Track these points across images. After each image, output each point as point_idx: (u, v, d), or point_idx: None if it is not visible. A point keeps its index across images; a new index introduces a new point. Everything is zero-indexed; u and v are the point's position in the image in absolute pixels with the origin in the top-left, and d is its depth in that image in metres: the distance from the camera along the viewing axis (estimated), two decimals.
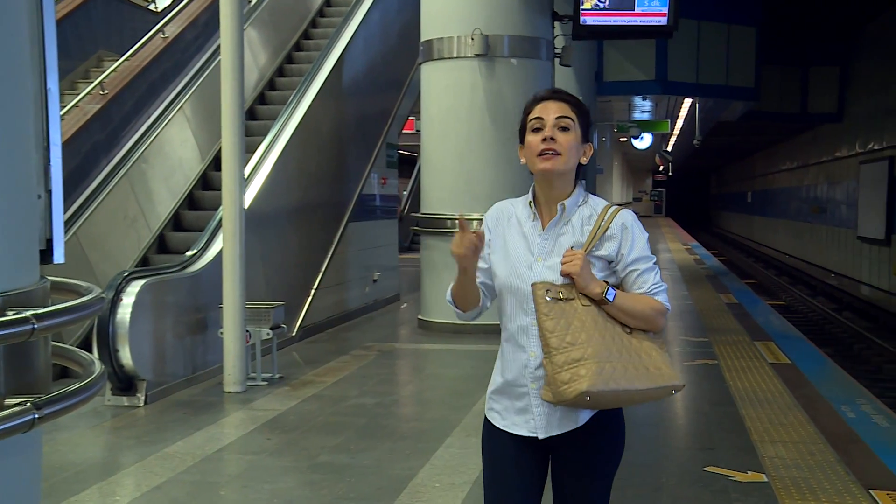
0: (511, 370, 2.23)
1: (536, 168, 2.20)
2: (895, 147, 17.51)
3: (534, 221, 2.24)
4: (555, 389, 2.09)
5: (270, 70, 10.91)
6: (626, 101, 20.37)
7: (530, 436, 2.21)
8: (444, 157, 9.22)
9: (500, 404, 2.26)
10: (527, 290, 2.17)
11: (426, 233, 9.46)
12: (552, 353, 2.10)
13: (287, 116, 8.93)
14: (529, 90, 9.09)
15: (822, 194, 24.92)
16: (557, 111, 2.19)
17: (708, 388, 6.55)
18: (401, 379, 7.38)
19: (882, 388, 11.05)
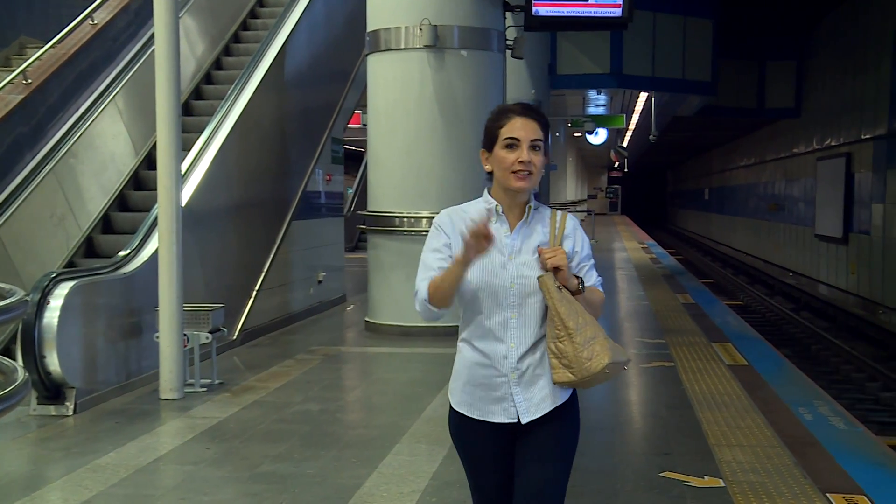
0: (491, 363, 2.46)
1: (512, 185, 2.45)
2: (852, 143, 17.94)
3: (497, 224, 2.49)
4: (579, 367, 2.40)
5: (208, 61, 10.79)
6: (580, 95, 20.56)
7: (507, 422, 2.45)
8: (392, 153, 9.21)
9: (473, 396, 2.49)
10: (505, 287, 2.44)
11: (373, 231, 9.45)
12: (573, 335, 2.40)
13: (226, 110, 8.84)
14: (480, 83, 9.15)
15: (779, 191, 25.42)
16: (532, 133, 2.43)
17: (664, 391, 6.64)
18: (347, 384, 7.35)
19: (839, 390, 11.33)
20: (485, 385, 2.47)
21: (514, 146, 2.43)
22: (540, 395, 2.45)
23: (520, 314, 2.45)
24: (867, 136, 16.92)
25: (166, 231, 6.35)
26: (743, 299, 21.21)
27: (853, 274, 17.53)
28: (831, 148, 19.55)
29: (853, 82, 18.04)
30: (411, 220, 9.08)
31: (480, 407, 2.48)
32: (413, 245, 9.09)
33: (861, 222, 17.18)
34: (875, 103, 16.53)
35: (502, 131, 2.46)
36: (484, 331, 2.47)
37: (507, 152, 2.44)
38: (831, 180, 19.09)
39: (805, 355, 14.05)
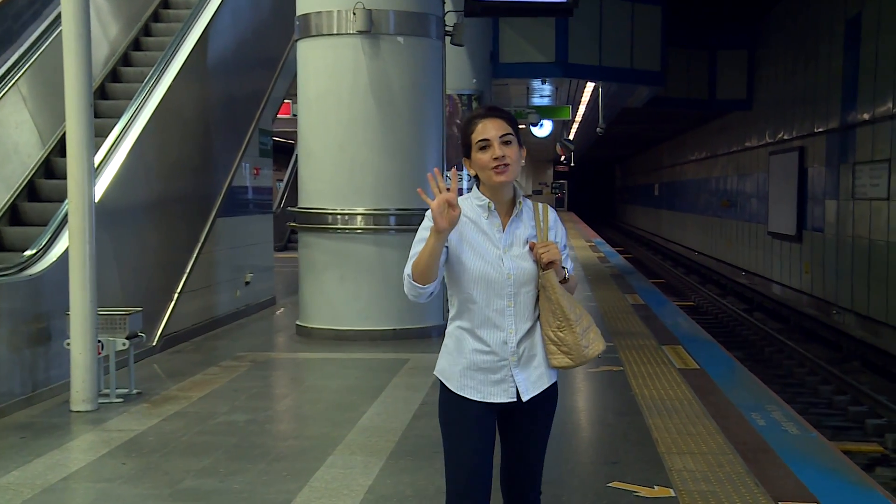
0: (492, 349, 2.87)
1: (494, 181, 2.86)
2: (805, 137, 18.37)
3: (489, 219, 2.89)
4: (578, 353, 2.88)
5: (123, 44, 10.60)
6: (524, 85, 20.66)
7: (507, 402, 2.88)
8: (324, 146, 9.17)
9: (475, 379, 2.89)
10: (503, 278, 2.85)
11: (305, 229, 9.40)
12: (573, 325, 2.86)
13: (144, 98, 8.71)
14: (418, 71, 9.15)
15: (731, 187, 25.91)
16: (499, 129, 2.85)
17: (612, 397, 6.72)
18: (277, 392, 7.31)
19: (793, 394, 11.60)
20: (485, 369, 2.88)
21: (486, 147, 2.85)
22: (535, 375, 2.90)
23: (516, 303, 2.86)
24: (820, 130, 17.34)
25: (78, 228, 6.22)
26: (694, 300, 21.58)
27: (807, 273, 17.95)
28: (784, 142, 19.99)
29: (805, 73, 18.47)
30: (345, 218, 9.05)
31: (481, 389, 2.88)
32: (347, 244, 9.07)
33: (815, 219, 17.60)
34: (827, 95, 16.96)
35: (473, 136, 2.88)
36: (483, 319, 2.87)
37: (483, 153, 2.86)
38: (784, 175, 19.52)
39: (758, 358, 14.34)
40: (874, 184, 14.30)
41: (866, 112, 14.82)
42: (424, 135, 9.27)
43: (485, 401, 2.88)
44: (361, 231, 9.07)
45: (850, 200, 15.47)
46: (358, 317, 9.06)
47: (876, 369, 12.96)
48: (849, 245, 15.48)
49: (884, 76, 14.19)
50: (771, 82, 21.22)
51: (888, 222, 13.74)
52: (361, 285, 9.05)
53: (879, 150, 14.19)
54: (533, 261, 2.88)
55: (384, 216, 9.06)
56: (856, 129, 15.32)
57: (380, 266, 9.03)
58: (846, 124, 15.81)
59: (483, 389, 2.89)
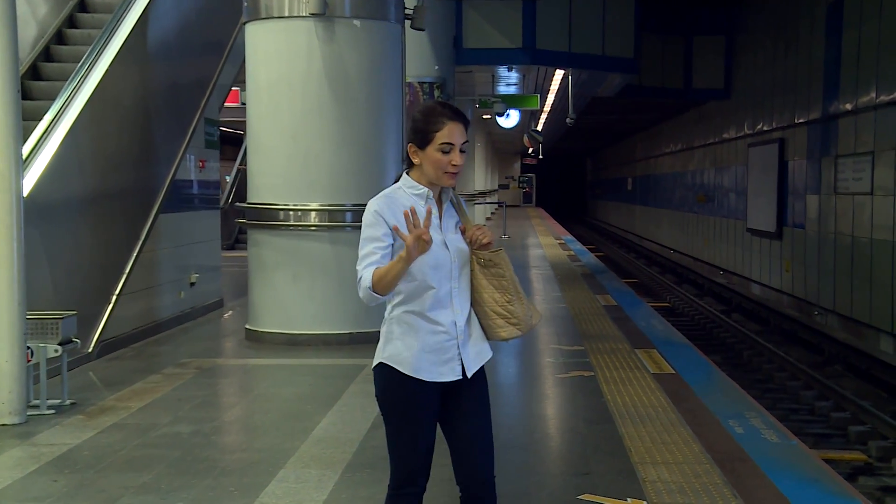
0: (442, 329, 3.21)
1: (443, 182, 3.23)
2: (785, 128, 18.58)
3: (427, 207, 3.14)
4: (525, 323, 3.31)
5: (55, 24, 10.47)
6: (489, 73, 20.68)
7: (454, 380, 3.22)
8: (275, 137, 9.12)
9: (428, 361, 3.20)
10: (449, 261, 3.22)
11: (254, 226, 9.34)
12: (521, 298, 3.31)
13: (78, 83, 8.59)
14: (375, 57, 9.14)
15: (708, 181, 26.16)
16: (462, 136, 3.21)
17: (583, 404, 6.75)
18: (224, 401, 7.26)
19: (772, 399, 11.74)
20: (437, 350, 3.21)
21: (448, 151, 3.17)
22: (474, 351, 3.28)
23: (459, 283, 3.25)
24: (801, 121, 17.56)
25: (5, 226, 6.13)
26: (670, 301, 21.76)
27: (787, 272, 18.16)
28: (763, 133, 20.22)
29: (785, 60, 18.68)
30: (298, 214, 9.01)
31: (432, 370, 3.20)
32: (301, 241, 9.03)
33: (795, 215, 17.82)
34: (808, 84, 17.17)
35: (438, 135, 3.17)
36: (435, 301, 3.20)
37: (442, 155, 3.18)
38: (764, 169, 19.74)
39: (736, 362, 14.50)
40: (857, 178, 14.50)
41: (848, 102, 15.02)
42: (383, 125, 9.25)
43: (436, 381, 3.20)
44: (315, 228, 9.03)
45: (832, 195, 15.68)
46: (312, 320, 9.03)
47: (859, 373, 13.15)
48: (831, 242, 15.68)
49: (866, 64, 14.39)
50: (749, 70, 21.44)
51: (871, 218, 13.94)
52: (315, 286, 9.01)
53: (862, 142, 14.40)
54: (466, 243, 3.27)
55: (340, 212, 9.03)
56: (838, 120, 15.53)
57: (335, 266, 9.00)
58: (828, 115, 16.02)
59: (434, 370, 3.21)
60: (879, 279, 13.62)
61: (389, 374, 3.21)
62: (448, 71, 16.38)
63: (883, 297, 13.45)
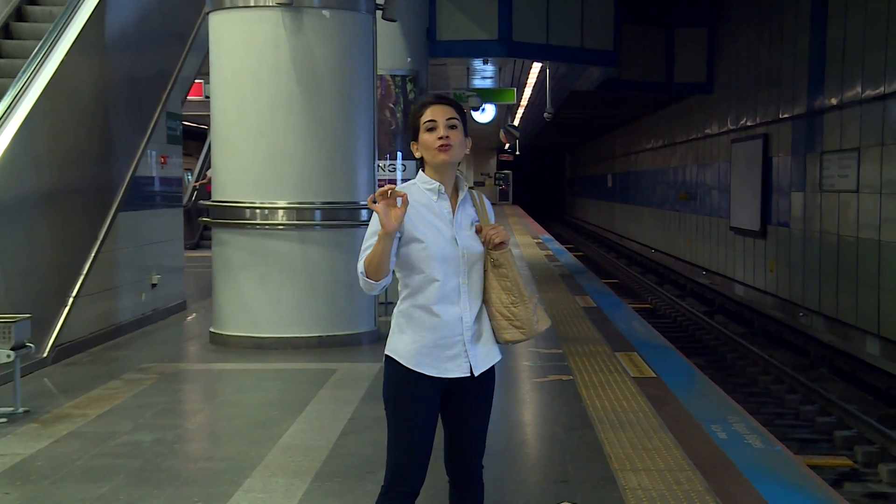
0: (447, 325, 3.36)
1: (437, 160, 3.37)
2: (769, 123, 18.71)
3: (439, 202, 3.39)
4: (529, 328, 3.42)
5: (5, 11, 10.38)
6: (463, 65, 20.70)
7: (461, 376, 3.38)
8: (241, 132, 9.10)
9: (431, 357, 3.36)
10: (457, 257, 3.36)
11: (219, 225, 9.31)
12: (526, 301, 3.41)
13: (31, 75, 8.50)
14: (346, 49, 9.13)
15: (690, 178, 26.29)
16: (446, 113, 3.38)
17: (561, 409, 6.77)
18: (187, 408, 7.24)
19: (757, 404, 11.80)
20: (441, 345, 3.36)
21: (433, 128, 3.36)
22: (484, 351, 3.43)
23: (469, 280, 3.39)
24: (785, 116, 17.68)
25: None
26: (651, 301, 21.84)
27: (772, 272, 18.28)
28: (747, 128, 20.34)
29: (769, 53, 18.80)
30: (265, 212, 8.99)
31: (437, 365, 3.36)
32: (268, 241, 9.00)
33: (780, 213, 17.95)
34: (793, 78, 17.29)
35: (421, 119, 3.38)
36: (441, 296, 3.35)
37: (429, 134, 3.36)
38: (747, 165, 19.86)
39: (719, 365, 14.57)
40: (843, 175, 14.62)
41: (834, 97, 15.14)
42: (353, 119, 9.24)
43: (440, 376, 3.36)
44: (283, 227, 9.01)
45: (817, 193, 15.80)
46: (279, 323, 9.01)
47: (846, 377, 13.24)
48: (816, 241, 15.81)
49: (852, 57, 14.51)
50: (733, 63, 21.55)
51: (857, 217, 14.06)
52: (283, 287, 8.99)
53: (848, 137, 14.51)
54: (480, 242, 3.41)
55: (309, 210, 9.01)
56: (823, 115, 15.65)
57: (304, 266, 8.99)
58: (813, 110, 16.14)
59: (439, 365, 3.36)
60: (865, 279, 13.74)
61: (391, 366, 3.40)
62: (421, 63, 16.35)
63: (869, 297, 13.57)
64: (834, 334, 14.80)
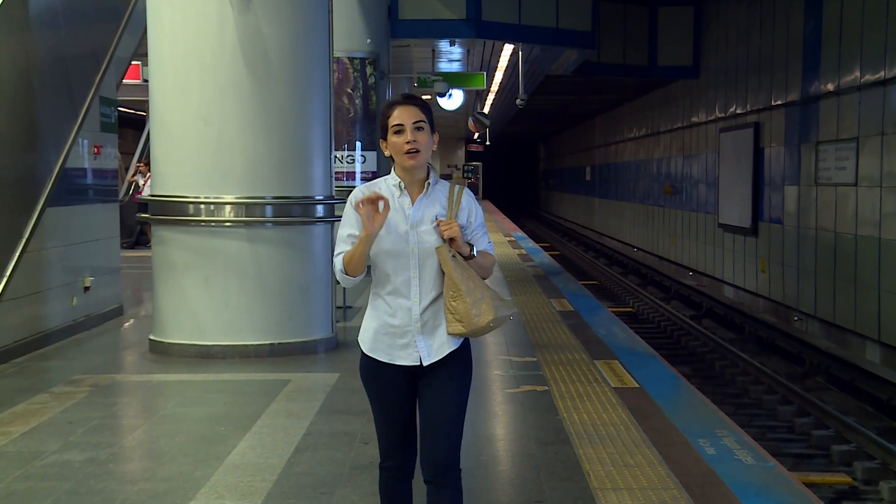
0: (398, 315, 3.85)
1: (405, 164, 3.82)
2: (761, 111, 18.84)
3: (400, 198, 3.84)
4: (468, 321, 3.79)
5: None
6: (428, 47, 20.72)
7: (412, 365, 3.84)
8: (184, 119, 9.05)
9: (384, 343, 3.87)
10: (408, 251, 3.82)
11: (160, 222, 9.26)
12: (464, 296, 3.78)
13: None
14: (298, 30, 9.12)
15: (675, 170, 26.44)
16: (413, 116, 3.80)
17: (536, 423, 6.78)
18: (124, 424, 7.18)
19: (747, 416, 11.89)
20: (392, 333, 3.86)
21: (400, 131, 3.79)
22: (438, 342, 3.85)
23: (421, 274, 3.83)
24: (778, 103, 17.82)
25: None
26: (633, 305, 21.95)
27: (764, 272, 18.42)
28: (736, 116, 20.48)
29: (761, 35, 18.94)
30: (210, 208, 8.95)
31: (389, 352, 3.86)
32: (214, 239, 8.96)
33: (772, 209, 18.08)
34: (786, 62, 17.43)
35: (389, 121, 3.80)
36: (392, 288, 3.85)
37: (397, 137, 3.80)
38: (737, 156, 20.00)
39: (707, 374, 14.67)
40: (840, 167, 14.76)
41: (830, 82, 15.28)
42: (307, 106, 9.22)
43: (391, 363, 3.86)
44: (231, 224, 8.97)
45: (812, 186, 15.93)
46: (227, 329, 8.97)
47: (843, 386, 13.36)
48: (811, 239, 15.94)
49: (849, 39, 14.64)
50: (721, 46, 21.69)
51: (856, 213, 14.19)
52: (231, 290, 8.96)
53: (846, 126, 14.65)
54: (438, 236, 3.80)
55: (259, 206, 8.98)
56: (819, 102, 15.78)
57: (254, 267, 8.95)
58: (808, 96, 16.27)
59: (391, 353, 3.86)
60: (864, 280, 13.86)
61: (361, 353, 3.94)
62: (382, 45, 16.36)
63: (869, 300, 13.69)
64: (831, 340, 14.93)
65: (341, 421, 6.83)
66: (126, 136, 24.91)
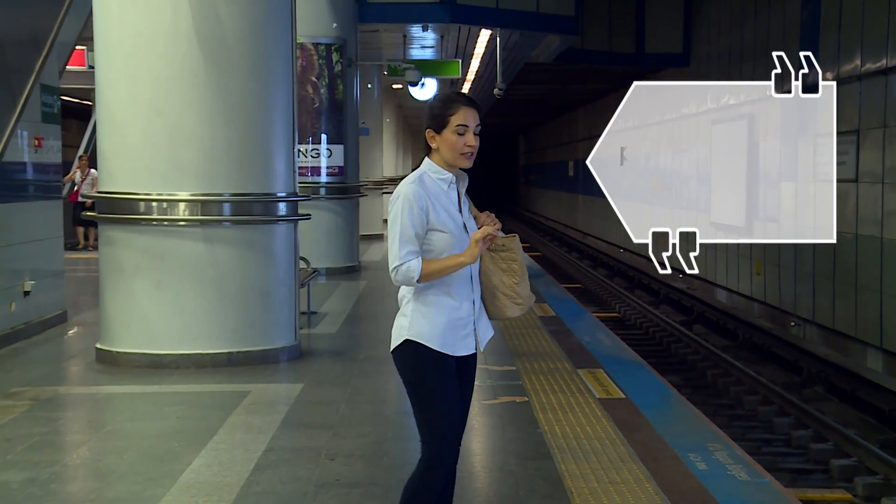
0: (464, 307, 4.26)
1: (460, 164, 4.26)
2: (755, 101, 18.91)
3: (448, 191, 4.28)
4: (526, 303, 4.39)
5: None
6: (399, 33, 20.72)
7: (469, 354, 4.32)
8: (134, 110, 9.02)
9: (450, 338, 4.24)
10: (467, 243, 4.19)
11: (108, 221, 9.21)
12: (526, 279, 4.35)
13: None
14: (258, 13, 9.12)
15: (663, 164, 26.51)
16: (475, 120, 4.23)
17: (515, 437, 6.79)
18: (68, 440, 7.15)
19: (742, 429, 11.94)
20: (459, 326, 4.26)
21: (463, 133, 4.20)
22: (484, 326, 4.40)
23: (476, 265, 4.28)
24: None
25: None
26: (619, 310, 22.01)
27: (759, 274, 18.50)
28: (729, 107, 20.56)
29: (756, 21, 19.03)
30: (163, 206, 8.91)
31: (455, 344, 4.26)
32: (167, 240, 8.92)
33: (768, 206, 18.14)
34: (783, 49, 17.45)
35: (453, 119, 4.20)
36: (460, 282, 4.25)
37: (458, 138, 4.21)
38: (729, 150, 20.05)
39: (698, 383, 14.72)
40: (840, 161, 14.83)
41: (829, 71, 15.36)
42: (268, 95, 9.20)
43: (456, 354, 4.25)
44: (185, 223, 8.94)
45: (811, 182, 16.00)
46: (181, 337, 8.93)
47: (844, 396, 13.43)
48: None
49: (850, 25, 14.72)
50: (713, 32, 21.78)
51: (857, 210, 14.27)
52: (185, 295, 8.92)
53: (846, 118, 14.73)
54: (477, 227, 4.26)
55: (216, 203, 8.95)
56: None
57: (211, 269, 8.92)
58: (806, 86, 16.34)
59: (457, 344, 4.27)
60: (866, 283, 13.94)
61: (417, 350, 4.20)
62: (349, 30, 16.35)
63: (870, 304, 13.77)
64: (830, 347, 15.01)
65: (305, 436, 6.81)
66: (70, 127, 24.79)
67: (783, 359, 15.87)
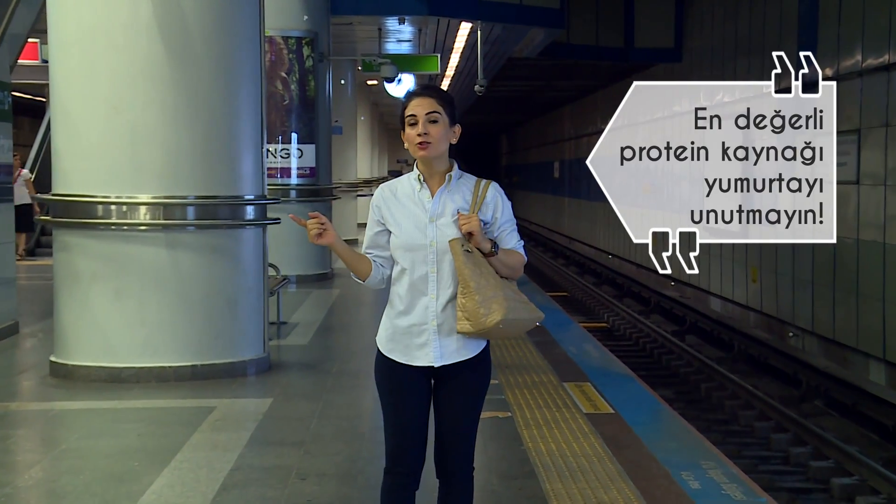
0: (415, 313, 4.20)
1: (417, 155, 4.23)
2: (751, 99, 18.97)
3: (420, 191, 4.25)
4: (476, 320, 4.12)
5: None
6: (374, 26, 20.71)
7: (427, 365, 4.19)
8: (91, 107, 8.99)
9: (402, 343, 4.22)
10: (425, 245, 4.18)
11: (62, 225, 9.18)
12: (472, 293, 4.10)
13: None
14: (225, 5, 9.11)
15: (655, 166, 26.57)
16: (427, 107, 4.19)
17: (497, 454, 6.79)
18: (20, 460, 7.11)
19: (737, 445, 11.97)
20: (409, 333, 4.21)
21: (414, 123, 4.19)
22: (455, 346, 4.20)
23: (439, 270, 4.19)
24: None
25: None
26: (608, 319, 22.06)
27: (754, 282, 18.55)
28: (724, 105, 20.61)
29: (750, 14, 19.09)
30: (122, 209, 8.88)
31: (406, 352, 4.21)
32: (126, 245, 8.89)
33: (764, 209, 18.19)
34: (779, 43, 17.57)
35: (406, 112, 4.21)
36: (409, 285, 4.21)
37: (411, 129, 4.20)
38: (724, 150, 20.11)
39: (691, 398, 14.76)
40: (840, 162, 14.86)
41: (828, 67, 15.42)
42: (235, 92, 9.19)
43: (408, 363, 4.21)
44: (147, 228, 8.92)
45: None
46: (141, 349, 8.90)
47: (845, 411, 13.48)
48: (808, 244, 16.06)
49: (850, 18, 14.77)
50: (706, 26, 21.85)
51: (858, 214, 14.31)
52: (147, 305, 8.89)
53: (846, 117, 14.78)
54: (457, 230, 4.16)
55: (179, 207, 8.92)
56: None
57: (174, 277, 8.89)
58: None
59: (409, 353, 4.21)
60: (867, 291, 13.98)
61: (377, 354, 4.28)
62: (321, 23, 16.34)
63: (872, 313, 13.81)
64: (830, 359, 15.05)
65: (275, 454, 6.80)
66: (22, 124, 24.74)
67: (781, 371, 15.93)
